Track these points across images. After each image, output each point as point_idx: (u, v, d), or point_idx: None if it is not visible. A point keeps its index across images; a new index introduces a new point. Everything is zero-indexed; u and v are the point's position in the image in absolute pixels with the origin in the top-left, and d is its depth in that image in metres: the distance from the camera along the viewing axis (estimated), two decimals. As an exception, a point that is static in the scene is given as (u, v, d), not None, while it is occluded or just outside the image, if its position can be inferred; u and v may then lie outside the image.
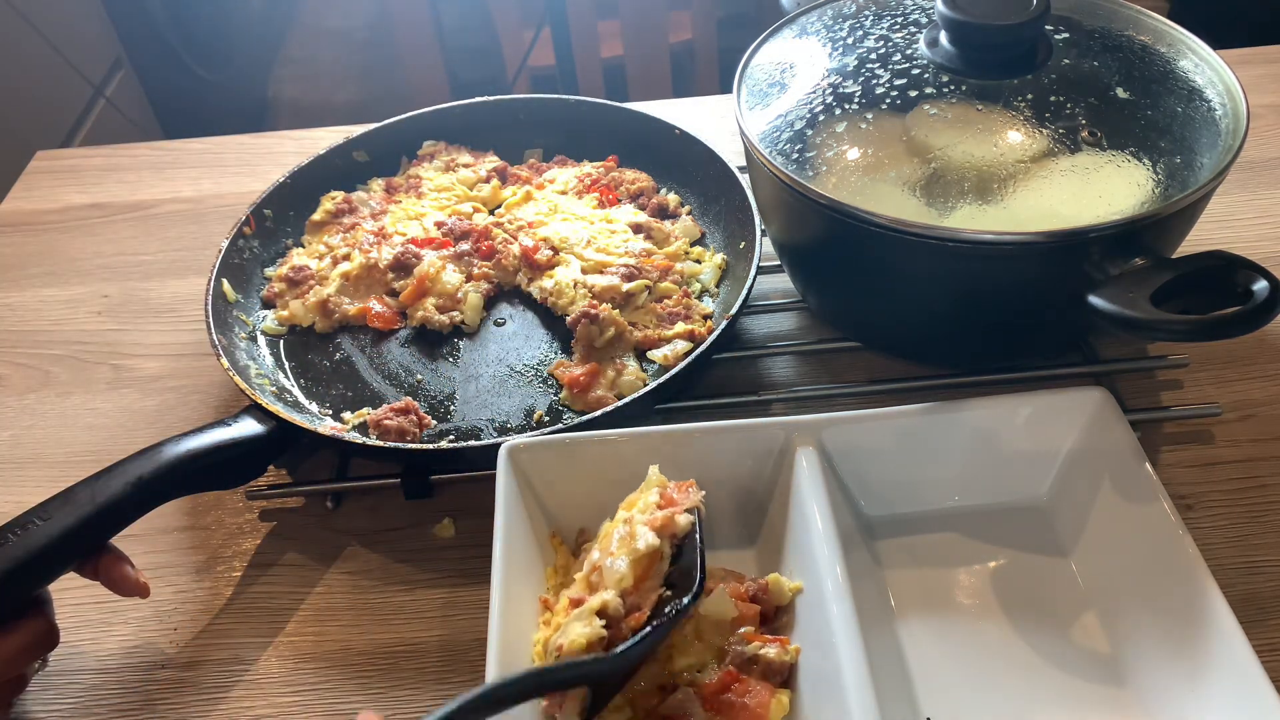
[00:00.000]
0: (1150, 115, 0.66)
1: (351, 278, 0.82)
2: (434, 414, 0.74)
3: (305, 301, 0.81)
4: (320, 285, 0.83)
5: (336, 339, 0.81)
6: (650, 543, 0.54)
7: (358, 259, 0.83)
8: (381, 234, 0.86)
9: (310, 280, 0.83)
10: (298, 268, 0.84)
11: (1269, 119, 0.99)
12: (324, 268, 0.84)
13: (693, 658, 0.55)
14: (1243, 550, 0.64)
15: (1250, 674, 0.50)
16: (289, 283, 0.83)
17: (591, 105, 0.96)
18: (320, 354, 0.80)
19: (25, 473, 0.76)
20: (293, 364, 0.79)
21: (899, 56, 0.70)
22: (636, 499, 0.58)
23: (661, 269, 0.81)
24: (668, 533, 0.55)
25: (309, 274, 0.83)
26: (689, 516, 0.56)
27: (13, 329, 0.89)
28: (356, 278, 0.82)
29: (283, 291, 0.83)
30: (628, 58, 2.07)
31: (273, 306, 0.83)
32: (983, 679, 0.57)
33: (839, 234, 0.66)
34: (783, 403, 0.75)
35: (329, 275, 0.83)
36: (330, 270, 0.83)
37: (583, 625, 0.52)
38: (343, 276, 0.82)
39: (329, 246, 0.86)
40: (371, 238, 0.85)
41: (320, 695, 0.61)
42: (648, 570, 0.54)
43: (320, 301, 0.81)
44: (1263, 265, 0.55)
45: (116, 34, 2.01)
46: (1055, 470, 0.65)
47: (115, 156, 1.10)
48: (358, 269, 0.82)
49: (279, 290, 0.83)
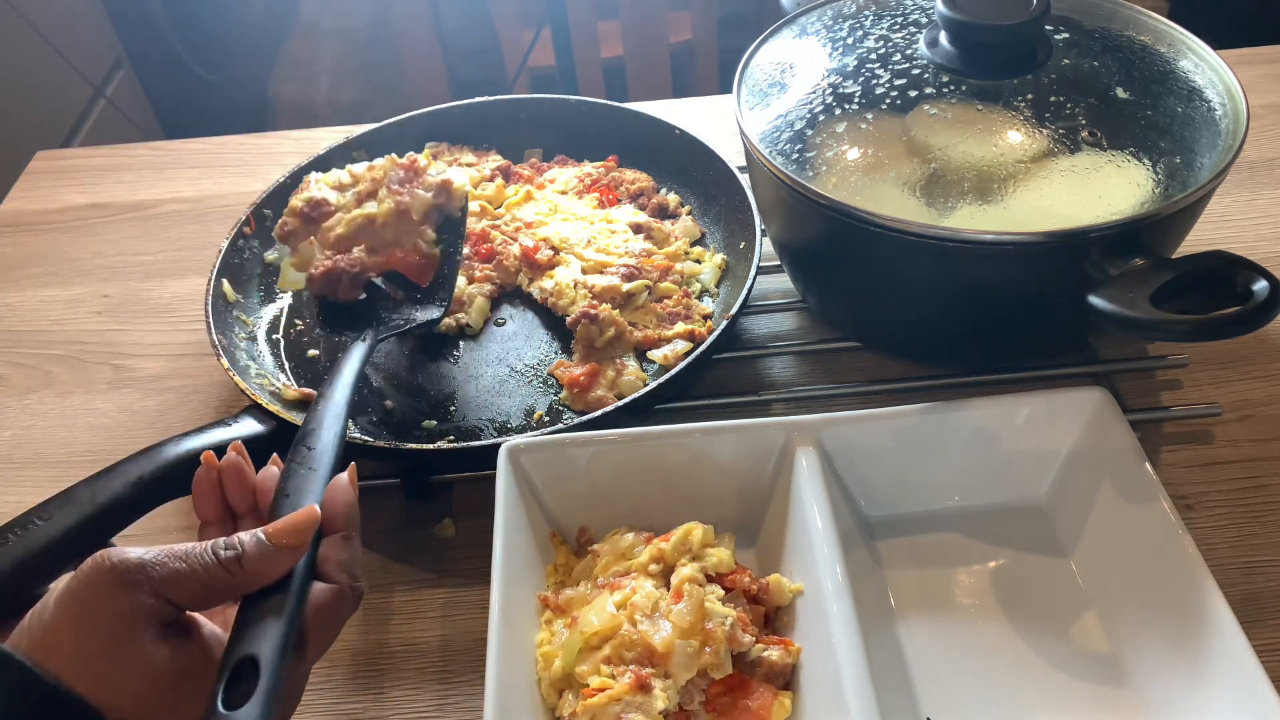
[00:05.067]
0: (1150, 115, 0.66)
1: (378, 222, 0.69)
2: (434, 414, 0.74)
3: (320, 239, 0.69)
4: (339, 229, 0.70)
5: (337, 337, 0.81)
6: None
7: (387, 200, 0.69)
8: (413, 168, 0.72)
9: (329, 217, 0.70)
10: (314, 201, 0.71)
11: (1269, 119, 0.99)
12: (346, 203, 0.71)
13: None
14: (1243, 550, 0.64)
15: (1250, 674, 0.50)
16: (303, 219, 0.71)
17: (591, 105, 0.96)
18: (321, 353, 0.80)
19: (25, 473, 0.76)
20: (293, 364, 0.79)
21: (899, 56, 0.70)
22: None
23: (661, 269, 0.81)
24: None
25: (327, 209, 0.70)
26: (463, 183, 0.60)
27: (13, 329, 0.89)
28: (384, 224, 0.69)
29: (295, 229, 0.71)
30: (628, 58, 2.06)
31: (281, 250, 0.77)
32: (983, 679, 0.57)
33: (839, 234, 0.66)
34: (783, 403, 0.75)
35: (351, 212, 0.69)
36: (353, 207, 0.71)
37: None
38: (366, 219, 0.70)
39: (354, 177, 0.73)
40: (401, 174, 0.71)
41: (320, 695, 0.61)
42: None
43: (337, 237, 0.67)
44: (1263, 265, 0.55)
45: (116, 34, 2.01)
46: (1055, 470, 0.65)
47: (115, 156, 1.10)
48: (386, 213, 0.69)
49: (292, 228, 0.71)
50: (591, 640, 0.54)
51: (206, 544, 0.45)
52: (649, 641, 0.53)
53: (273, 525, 0.47)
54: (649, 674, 0.53)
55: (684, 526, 0.59)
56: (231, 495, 0.53)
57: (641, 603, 0.55)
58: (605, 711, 0.52)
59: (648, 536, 0.60)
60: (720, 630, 0.54)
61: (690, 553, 0.58)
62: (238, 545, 0.45)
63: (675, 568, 0.57)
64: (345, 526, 0.50)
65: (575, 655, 0.54)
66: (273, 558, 0.45)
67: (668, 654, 0.53)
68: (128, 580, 0.42)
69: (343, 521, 0.50)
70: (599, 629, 0.54)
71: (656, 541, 0.59)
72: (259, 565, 0.45)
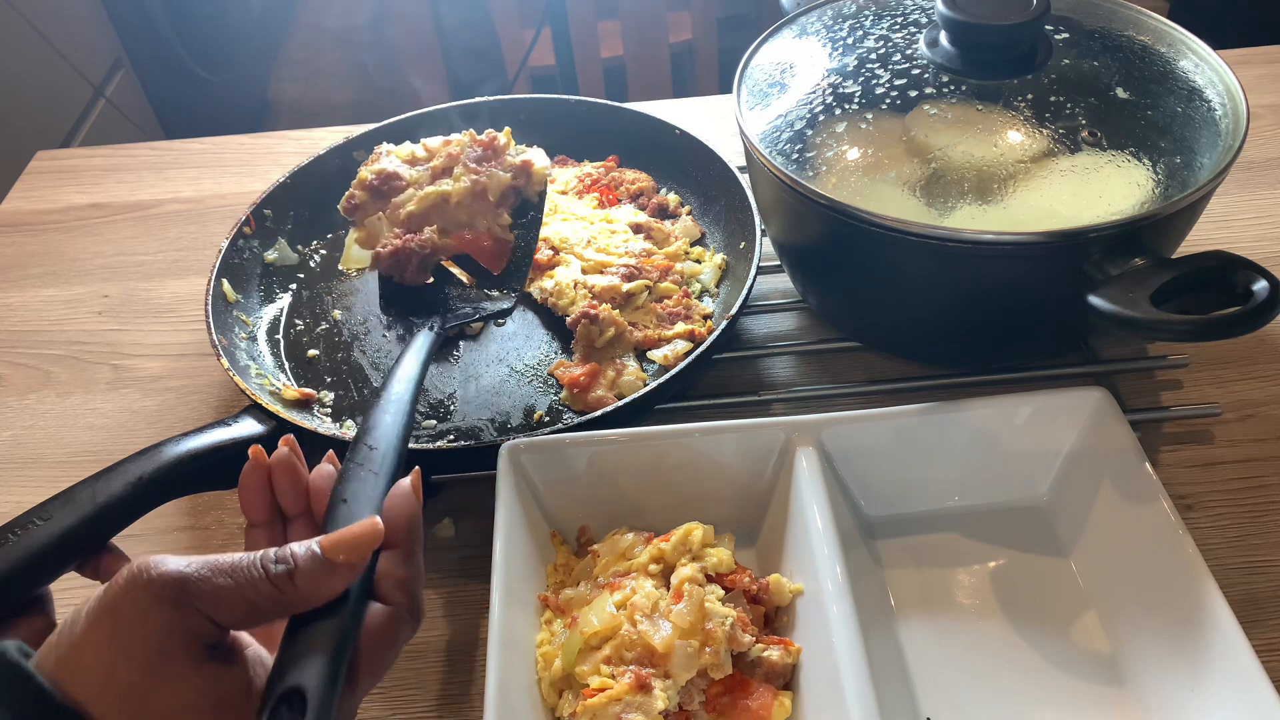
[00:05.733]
0: (1150, 115, 0.66)
1: (452, 201, 0.65)
2: (434, 414, 0.74)
3: (390, 215, 0.64)
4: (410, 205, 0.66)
5: (337, 336, 0.81)
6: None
7: (463, 179, 0.65)
8: (493, 146, 0.68)
9: (399, 192, 0.65)
10: (385, 174, 0.66)
11: (1269, 119, 0.99)
12: (419, 177, 0.66)
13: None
14: (1243, 550, 0.64)
15: (1250, 674, 0.50)
16: (372, 192, 0.66)
17: (591, 105, 0.96)
18: (321, 353, 0.80)
19: (25, 473, 0.76)
20: (293, 364, 0.79)
21: (899, 56, 0.70)
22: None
23: (661, 269, 0.81)
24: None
25: (398, 184, 0.66)
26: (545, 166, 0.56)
27: (13, 329, 0.89)
28: (458, 204, 0.65)
29: (363, 203, 0.67)
30: (628, 58, 2.07)
31: (348, 225, 0.72)
32: (983, 679, 0.57)
33: (839, 234, 0.66)
34: (783, 403, 0.75)
35: (424, 189, 0.64)
36: (426, 182, 0.65)
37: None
38: (440, 197, 0.65)
39: (429, 150, 0.68)
40: (479, 151, 0.67)
41: (320, 695, 0.61)
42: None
43: (408, 215, 0.62)
44: (1263, 265, 0.55)
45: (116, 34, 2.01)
46: (1055, 470, 0.65)
47: (115, 156, 1.10)
48: (461, 192, 0.64)
49: (359, 201, 0.66)
50: (591, 640, 0.54)
51: (255, 556, 0.40)
52: (649, 641, 0.53)
53: (329, 538, 0.42)
54: (649, 674, 0.53)
55: (684, 526, 0.59)
56: (282, 495, 0.49)
57: (641, 603, 0.55)
58: (605, 711, 0.52)
59: (648, 536, 0.60)
60: (720, 630, 0.54)
61: (690, 553, 0.58)
62: (290, 559, 0.41)
63: (675, 568, 0.57)
64: (407, 541, 0.45)
65: (575, 655, 0.54)
66: (328, 575, 0.41)
67: (668, 654, 0.53)
68: (168, 596, 0.38)
69: (404, 535, 0.45)
70: (599, 629, 0.54)
71: (656, 541, 0.59)
72: (312, 583, 0.40)
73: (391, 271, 0.66)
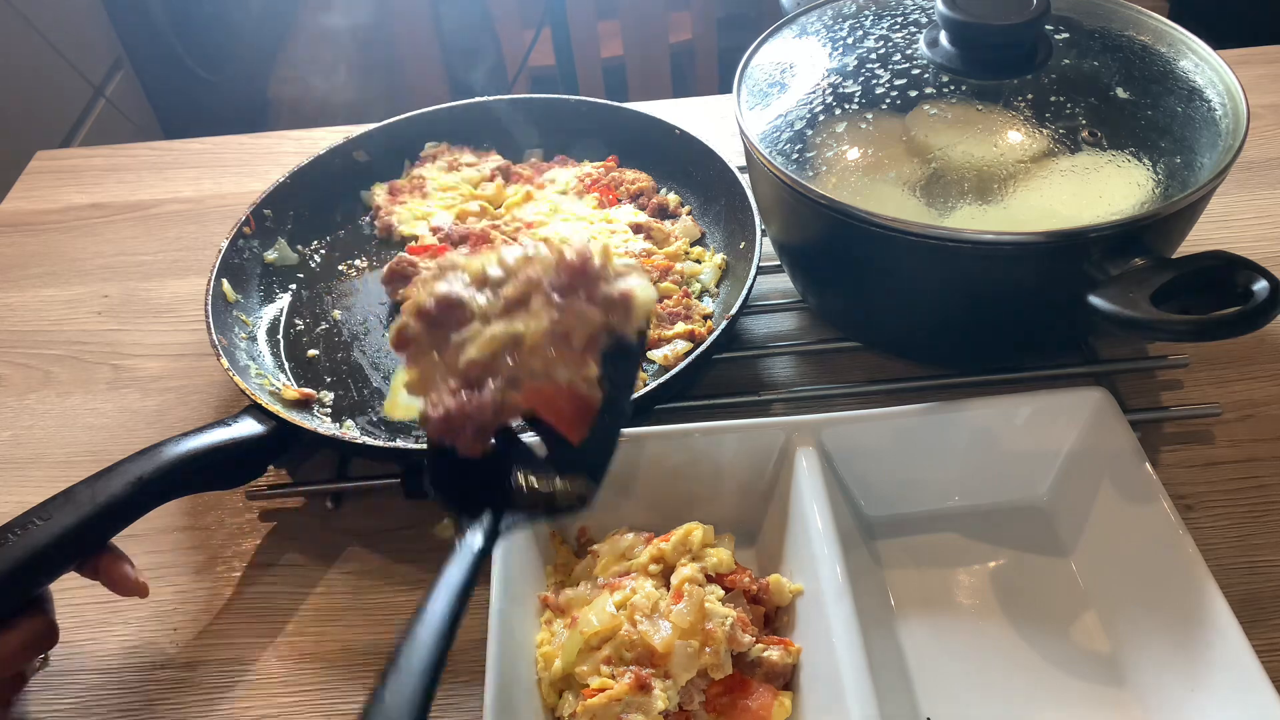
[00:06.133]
0: (1150, 115, 0.66)
1: (525, 345, 0.51)
2: (434, 414, 0.74)
3: (447, 359, 0.52)
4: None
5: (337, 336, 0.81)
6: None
7: (541, 313, 0.52)
8: (584, 270, 0.52)
9: (463, 323, 0.52)
10: (448, 300, 0.53)
11: (1269, 119, 0.99)
12: (488, 307, 0.53)
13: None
14: (1243, 550, 0.64)
15: (1250, 674, 0.50)
16: (429, 321, 0.53)
17: (591, 105, 0.96)
18: (321, 353, 0.80)
19: (25, 473, 0.76)
20: (293, 364, 0.79)
21: (899, 56, 0.70)
22: None
23: (661, 269, 0.81)
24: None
25: (462, 315, 0.52)
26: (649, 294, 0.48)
27: (13, 329, 0.89)
28: (533, 349, 0.51)
29: (418, 335, 0.53)
30: (628, 58, 2.07)
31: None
32: (983, 679, 0.57)
33: (839, 234, 0.66)
34: (783, 403, 0.75)
35: (491, 326, 0.52)
36: (496, 313, 0.53)
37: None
38: (509, 338, 0.51)
39: (505, 268, 0.54)
40: (565, 278, 0.53)
41: (320, 695, 0.61)
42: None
43: (469, 362, 0.51)
44: (1263, 265, 0.55)
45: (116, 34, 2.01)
46: (1055, 470, 0.65)
47: (115, 156, 1.10)
48: (538, 334, 0.51)
49: (414, 332, 0.53)
50: (591, 640, 0.54)
51: None
52: (649, 642, 0.53)
53: None
54: (649, 674, 0.53)
55: (684, 526, 0.59)
56: None
57: (641, 603, 0.55)
58: (605, 711, 0.52)
59: (648, 537, 0.60)
60: (720, 630, 0.54)
61: (690, 553, 0.58)
62: None
63: (675, 568, 0.57)
64: None
65: (575, 655, 0.54)
66: None
67: (668, 654, 0.53)
68: None
69: None
70: (599, 629, 0.54)
71: (656, 541, 0.59)
72: None
73: (443, 435, 0.51)
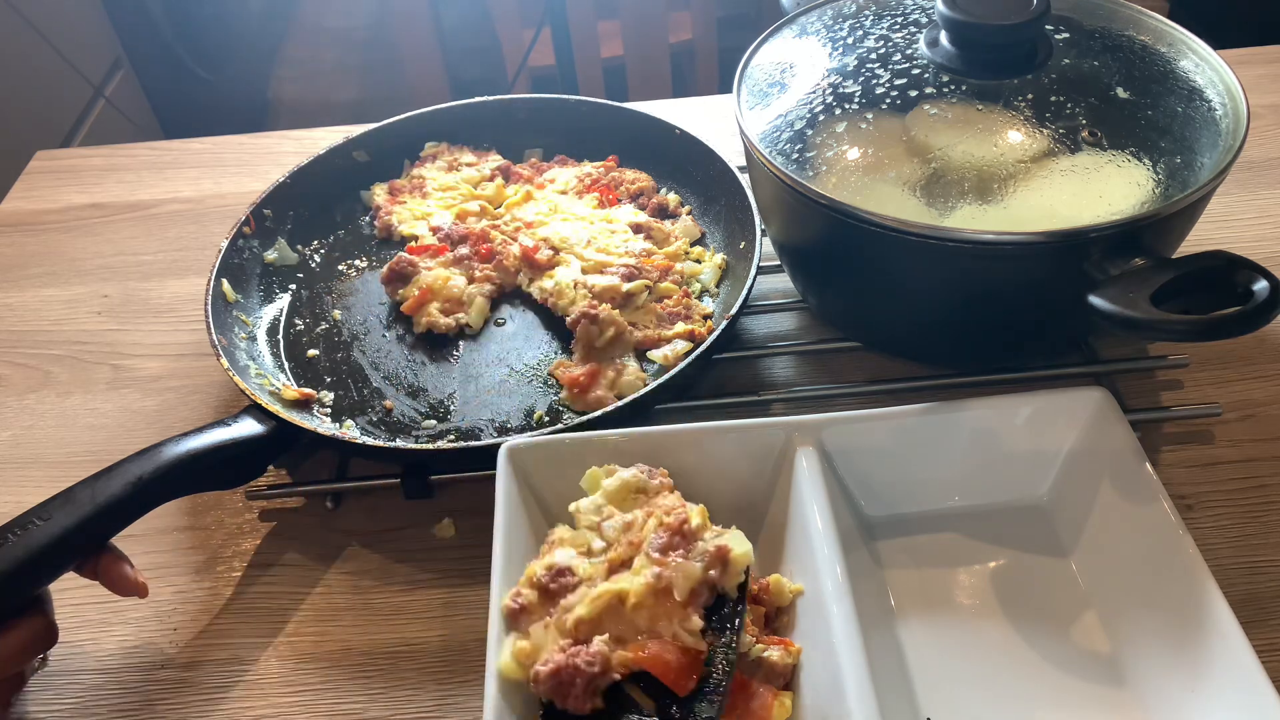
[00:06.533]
0: (1150, 115, 0.66)
1: (630, 603, 0.55)
2: (434, 414, 0.74)
3: (557, 622, 0.55)
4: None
5: (337, 336, 0.81)
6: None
7: (644, 571, 0.55)
8: (681, 530, 0.57)
9: (571, 590, 0.56)
10: (559, 569, 0.57)
11: (1269, 119, 0.99)
12: (593, 571, 0.57)
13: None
14: (1243, 550, 0.64)
15: (1250, 674, 0.50)
16: (542, 591, 0.57)
17: (591, 105, 0.96)
18: (320, 353, 0.80)
19: (25, 473, 0.76)
20: (292, 364, 0.79)
21: (899, 56, 0.70)
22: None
23: (661, 269, 0.81)
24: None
25: (570, 581, 0.56)
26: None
27: (13, 329, 0.89)
28: (637, 606, 0.55)
29: (531, 605, 0.56)
30: (628, 58, 2.07)
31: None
32: (983, 679, 0.57)
33: (839, 234, 0.66)
34: (783, 403, 0.75)
35: (597, 586, 0.56)
36: (601, 576, 0.57)
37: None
38: (615, 597, 0.55)
39: (606, 539, 0.59)
40: (664, 538, 0.56)
41: (320, 695, 0.61)
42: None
43: (577, 621, 0.54)
44: (1263, 265, 0.55)
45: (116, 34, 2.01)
46: (1055, 470, 0.65)
47: (115, 156, 1.10)
48: (642, 591, 0.54)
49: (526, 602, 0.56)
50: None
51: None
52: None
53: None
54: None
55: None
56: None
57: None
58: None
59: None
60: None
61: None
62: None
63: None
64: None
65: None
66: None
67: None
68: None
69: None
70: None
71: None
72: None
73: (553, 696, 0.53)
